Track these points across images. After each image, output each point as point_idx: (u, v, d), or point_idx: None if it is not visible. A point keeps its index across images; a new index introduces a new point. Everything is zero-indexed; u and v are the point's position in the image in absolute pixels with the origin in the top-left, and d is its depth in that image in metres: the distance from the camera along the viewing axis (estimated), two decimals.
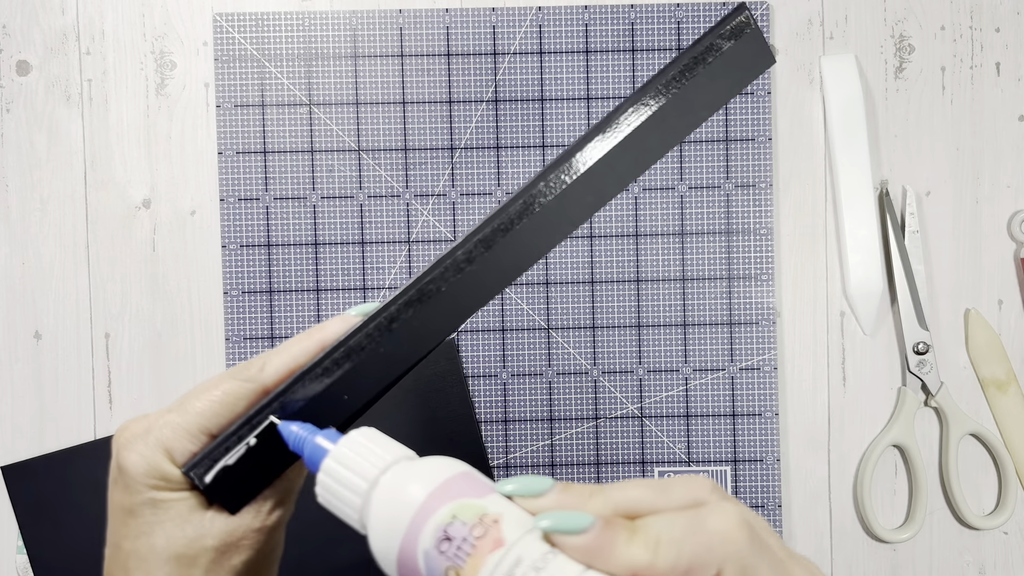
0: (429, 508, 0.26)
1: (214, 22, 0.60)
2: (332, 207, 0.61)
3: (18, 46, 0.60)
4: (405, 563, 0.26)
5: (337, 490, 0.28)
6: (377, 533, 0.27)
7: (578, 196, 0.32)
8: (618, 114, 0.32)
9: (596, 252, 0.61)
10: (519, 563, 0.24)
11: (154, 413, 0.33)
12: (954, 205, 0.62)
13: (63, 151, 0.60)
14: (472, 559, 0.24)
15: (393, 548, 0.26)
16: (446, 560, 0.24)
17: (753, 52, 0.33)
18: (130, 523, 0.32)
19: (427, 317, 0.32)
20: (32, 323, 0.60)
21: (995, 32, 0.61)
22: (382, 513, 0.27)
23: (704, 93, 0.33)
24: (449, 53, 0.61)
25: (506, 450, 0.60)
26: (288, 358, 0.33)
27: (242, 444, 0.31)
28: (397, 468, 0.28)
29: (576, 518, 0.24)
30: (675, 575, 0.23)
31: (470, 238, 0.32)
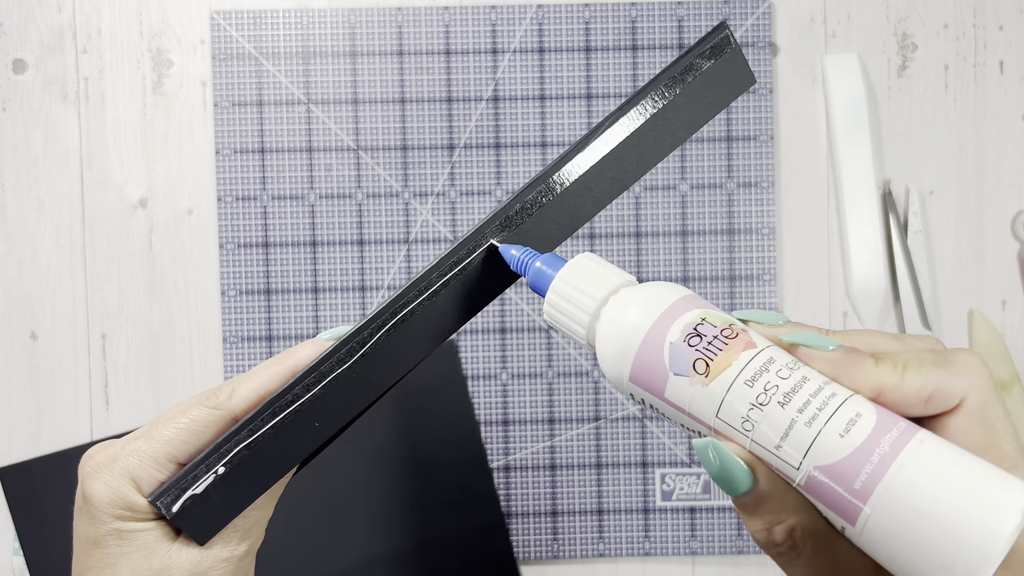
0: (676, 310, 0.26)
1: (211, 20, 0.60)
2: (330, 206, 0.60)
3: (14, 44, 0.60)
4: (646, 360, 0.26)
5: (566, 308, 0.29)
6: (612, 340, 0.27)
7: (554, 217, 0.32)
8: (596, 134, 0.32)
9: (597, 251, 0.60)
10: (772, 362, 0.25)
11: (120, 440, 0.32)
12: (957, 204, 0.61)
13: (60, 150, 0.60)
14: (724, 353, 0.25)
15: (632, 349, 0.26)
16: (695, 352, 0.25)
17: (733, 72, 0.33)
18: (95, 554, 0.31)
19: (401, 341, 0.31)
20: (28, 323, 0.60)
21: (998, 30, 0.61)
22: (618, 323, 0.27)
23: (683, 113, 0.33)
24: (448, 51, 0.60)
25: (506, 451, 0.60)
26: (258, 384, 0.32)
27: (210, 473, 0.30)
28: (627, 290, 0.28)
29: (823, 339, 0.25)
30: (919, 398, 0.24)
31: (445, 260, 0.31)
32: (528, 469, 0.60)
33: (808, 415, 0.24)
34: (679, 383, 0.25)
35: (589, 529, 0.60)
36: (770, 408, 0.24)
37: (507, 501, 0.60)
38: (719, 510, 0.60)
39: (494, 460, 0.60)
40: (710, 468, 0.25)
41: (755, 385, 0.24)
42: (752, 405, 0.24)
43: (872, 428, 0.23)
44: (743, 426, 0.24)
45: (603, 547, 0.60)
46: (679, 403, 0.26)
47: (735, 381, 0.24)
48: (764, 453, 0.24)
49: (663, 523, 0.60)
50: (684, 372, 0.25)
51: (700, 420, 0.25)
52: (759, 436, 0.24)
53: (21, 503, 0.58)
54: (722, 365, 0.25)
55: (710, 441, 0.25)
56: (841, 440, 0.23)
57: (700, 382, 0.25)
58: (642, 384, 0.26)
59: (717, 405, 0.25)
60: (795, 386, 0.24)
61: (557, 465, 0.60)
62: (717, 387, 0.25)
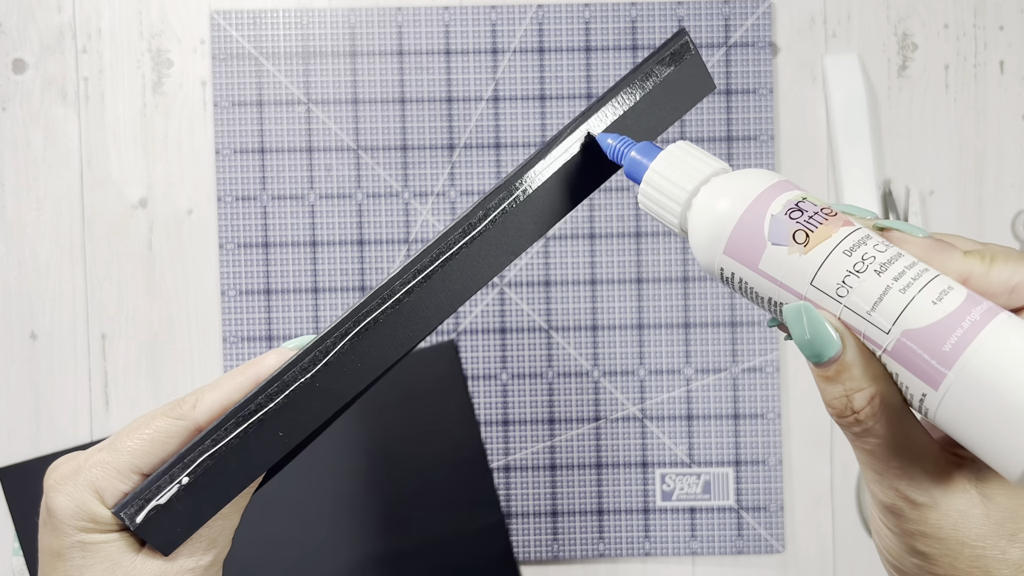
0: (777, 189, 0.27)
1: (211, 20, 0.60)
2: (330, 206, 0.60)
3: (14, 44, 0.60)
4: (744, 230, 0.27)
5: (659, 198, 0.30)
6: (708, 215, 0.28)
7: (519, 223, 0.32)
8: (557, 141, 0.33)
9: (597, 252, 0.60)
10: (869, 237, 0.26)
11: (84, 452, 0.32)
12: (958, 204, 0.61)
13: (59, 150, 0.60)
14: (824, 226, 0.26)
15: (731, 220, 0.27)
16: (796, 224, 0.26)
17: (693, 77, 0.34)
18: (58, 566, 0.31)
19: (364, 350, 0.31)
20: (28, 323, 0.60)
21: (999, 30, 0.61)
22: (717, 199, 0.28)
23: (643, 119, 0.33)
24: (448, 51, 0.60)
25: (506, 451, 0.60)
26: (221, 395, 0.32)
27: (174, 483, 0.30)
28: (722, 177, 0.29)
29: (915, 227, 0.27)
30: (1004, 288, 0.25)
31: (408, 268, 0.31)
32: (528, 469, 0.60)
33: (903, 283, 0.25)
34: (777, 252, 0.26)
35: (589, 529, 0.60)
36: (866, 275, 0.25)
37: (507, 501, 0.60)
38: (719, 510, 0.60)
39: (494, 460, 0.60)
40: (798, 333, 0.26)
41: (853, 255, 0.25)
42: (849, 272, 0.25)
43: (963, 300, 0.24)
44: (837, 292, 0.25)
45: (603, 547, 0.60)
46: (773, 273, 0.27)
47: (834, 250, 0.26)
48: (854, 319, 0.25)
49: (663, 523, 0.60)
50: (783, 242, 0.26)
51: (792, 290, 0.26)
52: (853, 301, 0.25)
53: (21, 503, 0.58)
54: (822, 236, 0.26)
55: (803, 304, 0.26)
56: (933, 306, 0.24)
57: (799, 251, 0.26)
58: (737, 255, 0.27)
59: (813, 272, 0.26)
60: (891, 258, 0.25)
61: (557, 465, 0.60)
62: (815, 256, 0.26)
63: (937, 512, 0.25)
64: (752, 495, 0.60)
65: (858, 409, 0.26)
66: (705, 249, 0.28)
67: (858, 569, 0.61)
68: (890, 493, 0.26)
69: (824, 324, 0.25)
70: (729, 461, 0.60)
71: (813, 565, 0.61)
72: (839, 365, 0.25)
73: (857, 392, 0.25)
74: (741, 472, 0.60)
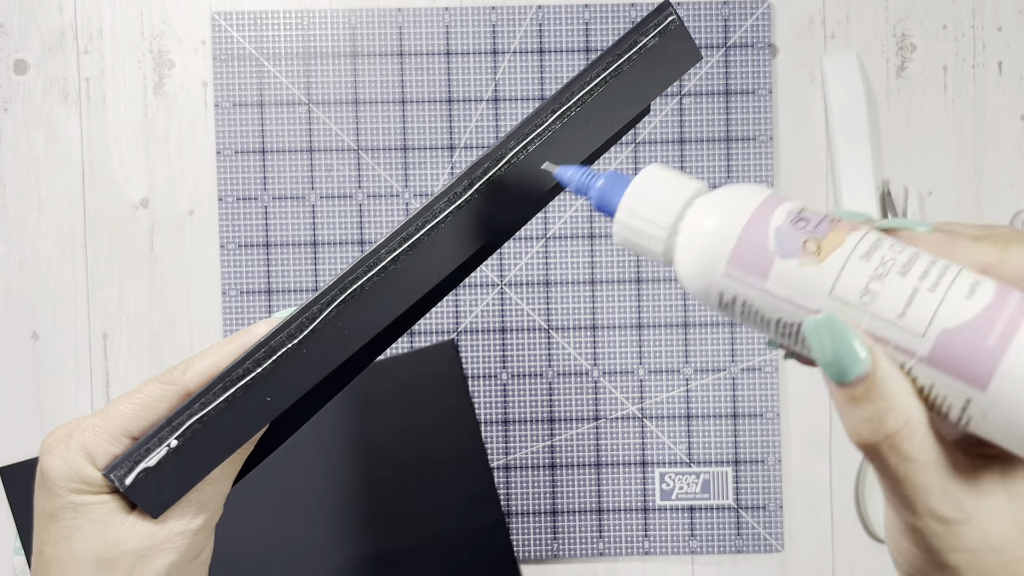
0: (774, 201, 0.26)
1: (212, 21, 0.60)
2: (331, 207, 0.60)
3: (16, 45, 0.60)
4: (747, 246, 0.25)
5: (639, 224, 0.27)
6: (702, 237, 0.26)
7: (505, 194, 0.32)
8: (544, 111, 0.33)
9: (596, 252, 0.61)
10: (882, 241, 0.24)
11: (79, 418, 0.33)
12: (956, 205, 0.61)
13: (61, 150, 0.60)
14: (834, 233, 0.24)
15: (731, 238, 0.25)
16: (804, 234, 0.24)
17: (679, 49, 0.34)
18: (51, 528, 0.32)
19: (350, 316, 0.31)
20: (30, 323, 0.60)
21: (997, 31, 0.61)
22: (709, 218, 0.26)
23: (629, 90, 0.33)
24: (449, 52, 0.60)
25: (506, 451, 0.60)
26: (211, 362, 0.32)
27: (163, 446, 0.31)
28: (706, 196, 0.27)
29: (918, 222, 0.25)
30: (1022, 275, 0.24)
31: (394, 236, 0.32)
32: (528, 469, 0.60)
33: (930, 281, 0.23)
34: (787, 266, 0.24)
35: (589, 528, 0.60)
36: (890, 278, 0.23)
37: (507, 501, 0.60)
38: (718, 509, 0.60)
39: (494, 460, 0.60)
40: (821, 350, 0.24)
41: (872, 259, 0.24)
42: (871, 277, 0.23)
43: (995, 290, 0.23)
44: (862, 299, 0.23)
45: (603, 546, 0.60)
46: (784, 290, 0.25)
47: (851, 256, 0.24)
48: (884, 327, 0.23)
49: (663, 522, 0.60)
50: (794, 254, 0.24)
51: (805, 306, 0.24)
52: (880, 307, 0.23)
53: (22, 502, 0.58)
54: (834, 243, 0.24)
55: (825, 317, 0.24)
56: (967, 301, 0.22)
57: (812, 262, 0.24)
58: (739, 276, 0.25)
59: (832, 282, 0.24)
60: (911, 258, 0.24)
61: (557, 465, 0.60)
62: (831, 264, 0.24)
63: (969, 525, 0.23)
64: (751, 494, 0.60)
65: (892, 431, 0.23)
66: (699, 276, 0.26)
67: (857, 568, 0.61)
68: (922, 515, 0.24)
69: (851, 336, 0.23)
70: (728, 460, 0.60)
71: (812, 564, 0.61)
72: (868, 383, 0.23)
73: (889, 412, 0.23)
74: (740, 471, 0.60)
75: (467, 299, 0.60)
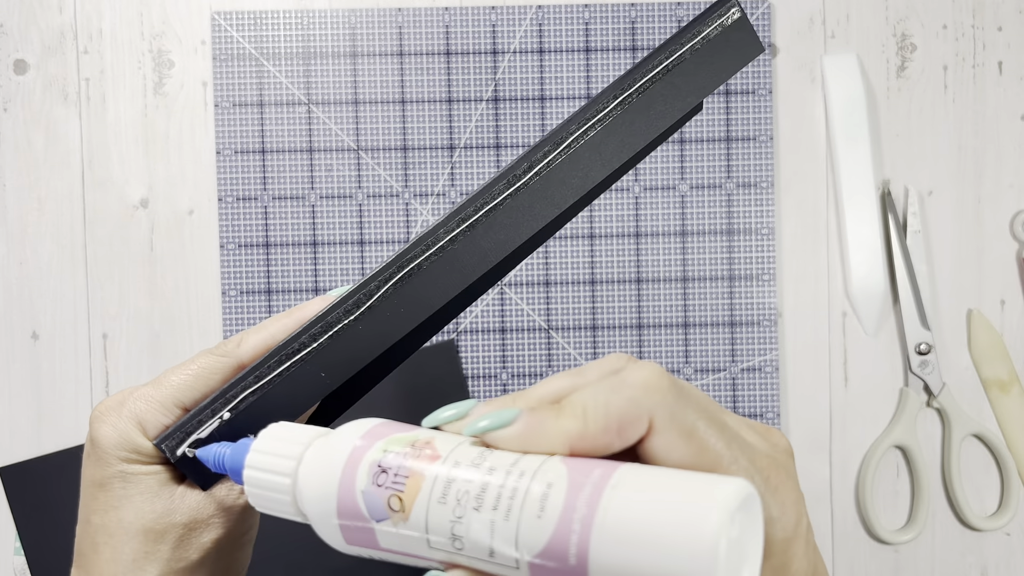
0: (359, 453, 0.25)
1: (212, 21, 0.60)
2: (331, 207, 0.60)
3: (15, 45, 0.60)
4: (347, 516, 0.24)
5: (265, 484, 0.27)
6: (313, 502, 0.25)
7: (563, 177, 0.32)
8: (605, 96, 0.32)
9: (597, 252, 0.60)
10: (458, 464, 0.23)
11: (130, 388, 0.32)
12: (956, 205, 0.61)
13: (61, 150, 0.60)
14: (411, 479, 0.23)
15: (331, 508, 0.25)
16: (385, 491, 0.24)
17: (740, 40, 0.33)
18: (99, 496, 0.31)
19: (407, 295, 0.31)
20: (29, 323, 0.60)
21: (997, 31, 0.61)
22: (312, 481, 0.25)
23: (691, 80, 0.33)
24: (448, 52, 0.60)
25: None
26: (267, 335, 0.32)
27: (215, 418, 0.31)
28: (316, 443, 0.27)
29: (501, 414, 0.24)
30: (609, 437, 0.23)
31: (452, 217, 0.32)
32: None
33: (503, 510, 0.22)
34: (385, 529, 0.24)
35: None
36: (468, 518, 0.22)
37: None
38: None
39: None
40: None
41: (447, 500, 0.23)
42: (452, 521, 0.23)
43: (565, 495, 0.22)
44: (455, 546, 0.23)
45: None
46: (397, 548, 0.24)
47: (429, 504, 0.23)
48: (485, 566, 0.23)
49: None
50: (383, 515, 0.24)
51: (424, 557, 0.24)
52: (472, 550, 0.22)
53: (22, 503, 0.58)
54: (413, 492, 0.23)
55: (431, 574, 0.23)
56: (540, 521, 0.22)
57: (401, 519, 0.23)
58: (361, 544, 0.25)
59: (424, 537, 0.23)
60: (483, 485, 0.23)
61: None
62: (416, 518, 0.23)
63: None
64: None
65: None
66: (332, 542, 0.25)
67: (857, 568, 0.61)
68: None
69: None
70: None
71: None
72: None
73: None
74: None
75: None
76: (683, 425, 0.23)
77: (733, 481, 0.21)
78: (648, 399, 0.23)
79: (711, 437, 0.23)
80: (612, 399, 0.23)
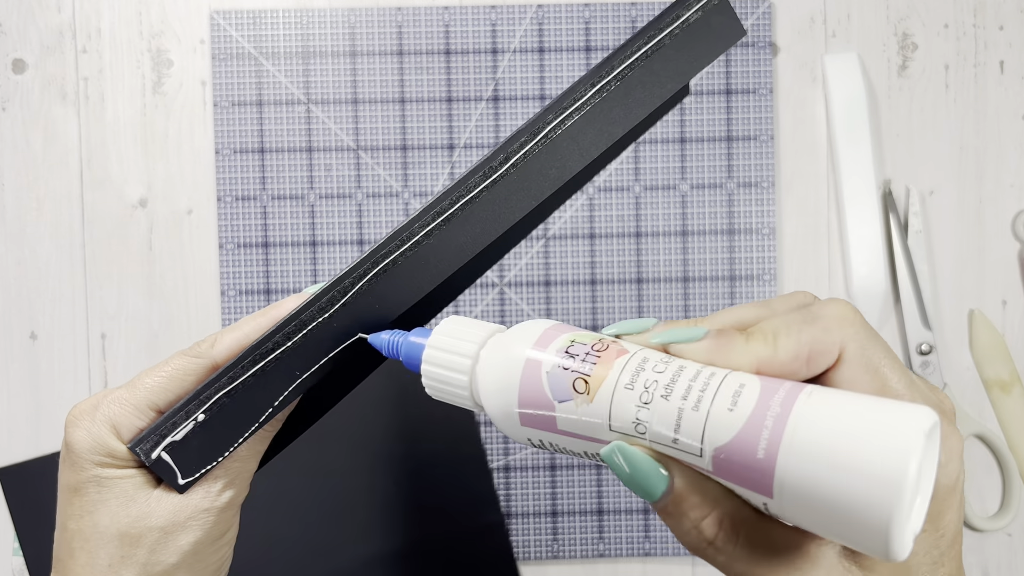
0: (546, 339, 0.26)
1: (211, 20, 0.60)
2: (330, 206, 0.60)
3: (14, 44, 0.60)
4: (529, 397, 0.26)
5: (442, 378, 0.28)
6: (493, 389, 0.27)
7: (541, 168, 0.31)
8: (583, 84, 0.32)
9: (597, 251, 0.60)
10: (646, 361, 0.24)
11: (104, 391, 0.32)
12: (958, 204, 0.61)
13: (59, 150, 0.60)
14: (599, 366, 0.25)
15: (513, 391, 0.26)
16: (572, 374, 0.25)
17: (722, 23, 0.33)
18: (75, 501, 0.31)
19: (382, 291, 0.31)
20: (28, 323, 0.60)
21: (999, 30, 0.61)
22: (493, 369, 0.27)
23: (671, 65, 0.32)
24: (448, 51, 0.60)
25: (506, 451, 0.60)
26: (240, 335, 0.32)
27: (190, 420, 0.30)
28: (494, 338, 0.28)
29: (690, 331, 0.25)
30: (797, 364, 0.24)
31: (427, 211, 0.31)
32: (528, 469, 0.60)
33: (692, 400, 0.23)
34: (566, 409, 0.25)
35: (589, 529, 0.60)
36: (655, 404, 0.24)
37: (507, 501, 0.60)
38: None
39: (494, 460, 0.60)
40: (621, 475, 0.24)
41: (635, 387, 0.24)
42: (638, 406, 0.24)
43: (759, 394, 0.23)
44: (637, 430, 0.24)
45: (603, 547, 0.60)
46: (573, 430, 0.25)
47: (615, 389, 0.24)
48: (668, 450, 0.24)
49: (663, 523, 0.60)
50: (567, 396, 0.25)
51: (599, 440, 0.25)
52: (654, 435, 0.24)
53: (21, 503, 0.58)
54: (599, 377, 0.24)
55: (616, 445, 0.24)
56: (731, 414, 0.22)
57: (584, 401, 0.25)
58: (535, 424, 0.26)
59: (607, 419, 0.24)
60: (673, 377, 0.24)
61: (557, 465, 0.60)
62: (601, 401, 0.24)
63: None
64: None
65: (711, 538, 0.24)
66: (504, 424, 0.27)
67: None
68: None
69: (644, 460, 0.24)
70: None
71: None
72: (675, 497, 0.24)
73: (703, 520, 0.24)
74: None
75: (467, 299, 0.60)
76: (870, 360, 0.24)
77: (924, 408, 0.22)
78: (841, 331, 0.24)
79: (894, 376, 0.24)
80: (805, 328, 0.24)
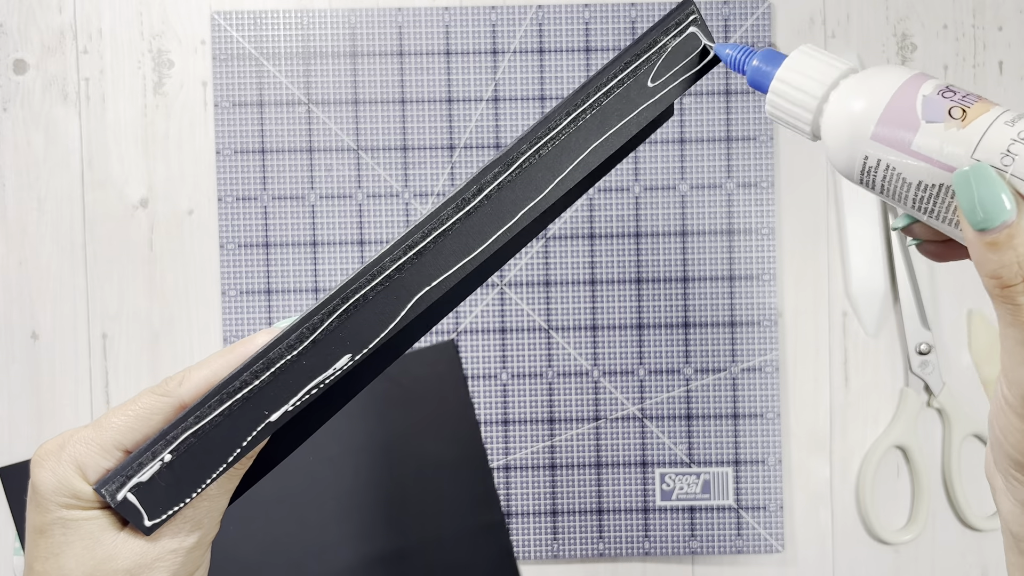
0: (921, 76, 0.28)
1: (212, 20, 0.60)
2: (331, 207, 0.60)
3: (15, 45, 0.60)
4: (893, 113, 0.27)
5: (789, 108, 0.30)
6: (854, 104, 0.28)
7: (515, 198, 0.31)
8: (558, 113, 0.31)
9: (597, 252, 0.60)
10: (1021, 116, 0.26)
11: (72, 429, 0.31)
12: None
13: (60, 150, 0.60)
14: (980, 104, 0.26)
15: (877, 107, 0.28)
16: (950, 102, 0.27)
17: (700, 49, 0.33)
18: (40, 543, 0.30)
19: (353, 328, 0.30)
20: (29, 323, 0.60)
21: (998, 31, 0.61)
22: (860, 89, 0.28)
23: (647, 92, 0.32)
24: (448, 51, 0.60)
25: (506, 451, 0.60)
26: (209, 372, 0.31)
27: (156, 460, 0.29)
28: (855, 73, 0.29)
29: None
30: None
31: (399, 244, 0.30)
32: (528, 469, 0.60)
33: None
34: (933, 129, 0.27)
35: (589, 529, 0.60)
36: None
37: (507, 501, 0.60)
38: (719, 510, 0.60)
39: (494, 460, 0.60)
40: (968, 197, 0.25)
41: (1016, 125, 0.26)
42: (1013, 140, 0.25)
43: None
44: (1002, 161, 0.25)
45: (603, 547, 0.60)
46: (928, 151, 0.27)
47: (995, 122, 0.26)
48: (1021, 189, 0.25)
49: (663, 523, 0.60)
50: (939, 118, 0.27)
51: (949, 166, 0.26)
52: (1021, 169, 0.25)
53: (22, 503, 0.58)
54: (979, 111, 0.26)
55: (978, 166, 0.25)
56: None
57: (956, 126, 0.26)
58: (886, 139, 0.27)
59: (975, 144, 0.26)
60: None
61: (557, 465, 0.60)
62: (975, 128, 0.26)
63: None
64: (751, 495, 0.60)
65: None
66: (846, 142, 0.28)
67: (857, 568, 0.61)
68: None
69: (999, 185, 0.25)
70: (729, 461, 0.60)
71: (812, 565, 0.61)
72: (1012, 230, 0.25)
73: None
74: (740, 472, 0.60)
75: (467, 299, 0.60)
76: None
77: None
78: None
79: None
80: None
